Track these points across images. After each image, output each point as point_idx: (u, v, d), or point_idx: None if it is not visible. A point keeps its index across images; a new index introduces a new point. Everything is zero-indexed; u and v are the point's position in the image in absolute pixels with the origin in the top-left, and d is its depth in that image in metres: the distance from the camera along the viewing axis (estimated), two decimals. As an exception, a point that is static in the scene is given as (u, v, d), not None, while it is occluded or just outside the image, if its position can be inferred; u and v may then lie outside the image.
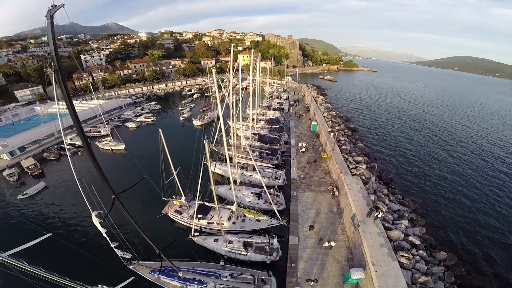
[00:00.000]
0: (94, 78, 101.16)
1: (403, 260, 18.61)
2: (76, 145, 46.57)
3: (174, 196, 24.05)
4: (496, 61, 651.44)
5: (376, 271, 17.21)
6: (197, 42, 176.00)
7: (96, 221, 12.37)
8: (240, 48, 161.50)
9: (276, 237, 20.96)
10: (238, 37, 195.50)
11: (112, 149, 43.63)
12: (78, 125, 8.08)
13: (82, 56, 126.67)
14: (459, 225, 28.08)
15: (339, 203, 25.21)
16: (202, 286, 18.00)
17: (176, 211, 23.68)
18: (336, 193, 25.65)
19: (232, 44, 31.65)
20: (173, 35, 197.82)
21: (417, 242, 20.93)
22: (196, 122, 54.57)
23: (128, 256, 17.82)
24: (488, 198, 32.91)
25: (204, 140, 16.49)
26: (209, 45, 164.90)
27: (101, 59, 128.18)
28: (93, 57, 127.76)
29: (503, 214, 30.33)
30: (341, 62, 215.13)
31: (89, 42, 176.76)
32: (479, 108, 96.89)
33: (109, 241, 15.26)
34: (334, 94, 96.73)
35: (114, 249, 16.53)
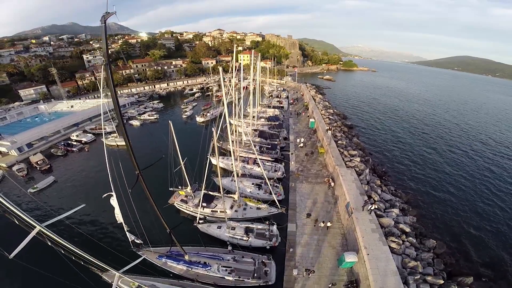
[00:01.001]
0: (98, 77, 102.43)
1: (393, 245, 20.10)
2: (83, 141, 48.23)
3: (180, 187, 25.58)
4: (496, 61, 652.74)
5: (368, 254, 18.70)
6: (197, 42, 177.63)
7: (115, 203, 13.87)
8: (240, 48, 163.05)
9: (275, 224, 22.52)
10: (238, 37, 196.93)
11: (117, 145, 45.25)
12: (119, 111, 9.49)
13: (84, 56, 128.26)
14: (450, 217, 29.51)
15: (334, 194, 26.80)
16: (207, 268, 19.51)
17: (182, 200, 25.25)
18: (332, 184, 27.23)
19: (235, 46, 32.96)
20: (174, 35, 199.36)
21: (407, 230, 22.43)
22: (199, 119, 56.47)
23: (137, 240, 19.35)
24: (477, 193, 34.40)
25: (213, 128, 17.98)
26: (210, 45, 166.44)
27: (102, 59, 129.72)
28: (95, 56, 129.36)
29: (491, 206, 31.85)
30: (341, 62, 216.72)
31: (90, 42, 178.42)
32: (473, 107, 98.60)
33: (124, 224, 16.80)
34: (333, 93, 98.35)
35: (127, 232, 18.05)
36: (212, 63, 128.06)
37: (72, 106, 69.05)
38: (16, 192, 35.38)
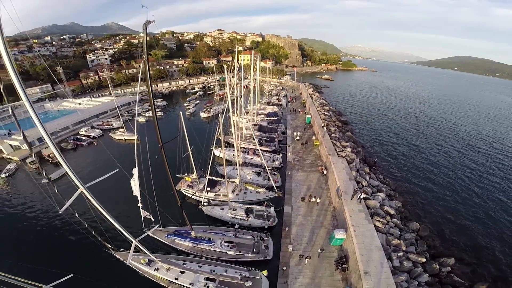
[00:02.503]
0: (102, 77, 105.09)
1: (378, 224, 22.49)
2: (91, 136, 50.77)
3: (186, 173, 28.02)
4: (496, 61, 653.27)
5: (355, 231, 21.09)
6: (198, 42, 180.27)
7: (135, 179, 16.23)
8: (240, 48, 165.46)
9: (273, 206, 24.97)
10: (238, 37, 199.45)
11: (125, 139, 47.86)
12: (153, 103, 11.82)
13: (87, 56, 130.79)
14: (435, 206, 31.25)
15: (327, 180, 29.26)
16: (211, 244, 21.94)
17: (188, 186, 27.74)
18: (325, 172, 29.71)
19: (237, 47, 35.34)
20: (175, 35, 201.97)
21: (392, 212, 24.86)
22: (203, 115, 59.97)
23: (149, 217, 21.73)
24: (463, 184, 36.64)
25: (219, 120, 20.38)
26: (211, 45, 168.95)
27: (106, 59, 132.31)
28: (98, 56, 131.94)
29: (474, 197, 34.15)
30: (340, 62, 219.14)
31: (92, 42, 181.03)
32: (466, 106, 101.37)
33: (139, 201, 19.16)
34: (331, 92, 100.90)
35: (141, 209, 20.41)
36: (213, 63, 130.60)
37: (80, 104, 71.67)
38: (31, 182, 38.01)
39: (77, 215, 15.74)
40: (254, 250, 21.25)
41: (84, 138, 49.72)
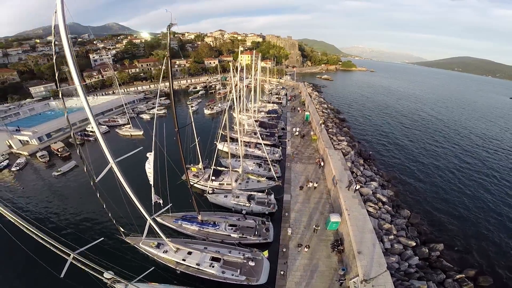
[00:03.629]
0: (106, 76, 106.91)
1: (371, 209, 24.23)
2: (99, 132, 52.68)
3: (191, 164, 29.83)
4: (496, 62, 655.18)
5: (348, 214, 22.81)
6: (199, 42, 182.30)
7: (151, 163, 17.95)
8: (241, 49, 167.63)
9: (273, 193, 26.74)
10: (239, 37, 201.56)
11: (131, 135, 49.81)
12: (172, 91, 13.57)
13: (90, 56, 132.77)
14: (427, 199, 32.85)
15: (323, 171, 31.08)
16: (216, 227, 23.68)
17: (193, 175, 29.52)
18: (322, 163, 31.54)
19: (240, 47, 37.27)
20: (176, 35, 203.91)
21: (384, 199, 26.61)
22: (207, 111, 62.51)
23: (160, 201, 23.41)
24: (454, 178, 38.28)
25: (225, 105, 22.14)
26: (212, 46, 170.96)
27: (109, 58, 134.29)
28: (101, 56, 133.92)
29: (467, 189, 35.87)
30: (340, 63, 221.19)
31: (94, 42, 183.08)
32: (462, 105, 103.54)
33: (152, 185, 20.91)
34: (330, 91, 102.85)
35: (153, 193, 22.11)
36: (214, 63, 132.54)
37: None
38: (43, 175, 39.82)
39: (98, 195, 17.38)
40: (256, 233, 22.97)
41: (91, 133, 51.58)
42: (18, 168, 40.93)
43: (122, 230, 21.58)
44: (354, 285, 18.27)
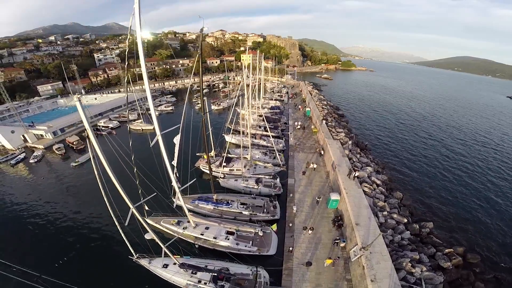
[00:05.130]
0: (111, 75, 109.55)
1: (366, 189, 27.00)
2: (109, 127, 55.56)
3: (204, 152, 32.52)
4: (497, 62, 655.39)
5: (347, 193, 25.54)
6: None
7: (177, 145, 20.51)
8: (242, 49, 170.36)
9: (278, 177, 29.50)
10: (240, 37, 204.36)
11: (142, 129, 52.71)
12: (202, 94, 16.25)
13: (95, 55, 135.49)
14: (419, 183, 35.94)
15: (323, 158, 33.91)
16: (229, 206, 26.40)
17: (206, 163, 32.16)
18: (322, 152, 34.41)
19: (244, 47, 40.13)
20: (177, 35, 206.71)
21: (378, 182, 29.37)
22: (214, 107, 65.59)
23: (178, 185, 26.10)
24: (445, 170, 41.02)
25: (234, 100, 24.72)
26: (213, 46, 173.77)
27: (113, 58, 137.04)
28: (106, 56, 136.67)
29: (457, 177, 38.73)
30: (339, 62, 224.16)
31: (97, 42, 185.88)
32: (459, 103, 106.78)
33: (175, 167, 23.50)
34: (329, 90, 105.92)
35: (172, 175, 24.69)
36: (216, 62, 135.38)
37: (96, 99, 76.51)
38: (62, 165, 42.50)
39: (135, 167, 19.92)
40: (265, 210, 25.74)
41: (103, 128, 54.31)
42: (36, 160, 43.43)
43: (147, 209, 24.29)
44: (354, 254, 20.86)
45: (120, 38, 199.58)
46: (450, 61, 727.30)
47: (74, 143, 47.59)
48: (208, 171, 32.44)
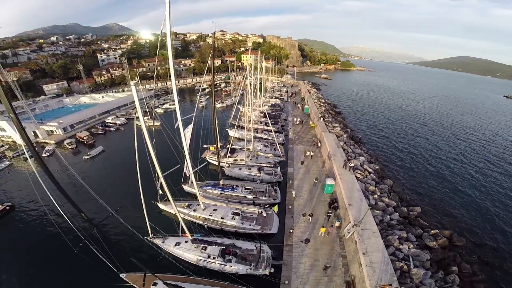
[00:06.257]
0: (120, 74, 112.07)
1: (358, 175, 29.59)
2: (117, 123, 58.19)
3: (210, 144, 35.32)
4: (496, 62, 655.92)
5: (340, 178, 28.09)
6: (202, 43, 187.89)
7: (189, 132, 23.12)
8: (243, 49, 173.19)
9: (279, 166, 32.16)
10: (240, 38, 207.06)
11: (149, 125, 55.03)
12: (213, 91, 18.84)
13: (98, 55, 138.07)
14: (410, 174, 38.26)
15: (320, 150, 36.62)
16: (234, 190, 28.99)
17: (212, 153, 35.00)
18: (319, 144, 37.16)
19: (245, 48, 43.05)
20: (177, 35, 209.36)
21: (370, 170, 31.96)
22: (218, 105, 67.62)
23: (188, 173, 28.63)
24: (436, 163, 43.21)
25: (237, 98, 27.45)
26: (215, 46, 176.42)
27: (115, 58, 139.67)
28: (109, 56, 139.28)
29: (448, 170, 41.17)
30: (339, 62, 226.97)
31: (98, 42, 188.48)
32: (454, 101, 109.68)
33: (186, 154, 25.98)
34: (328, 89, 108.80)
35: (186, 163, 27.05)
36: (217, 62, 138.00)
37: (103, 97, 79.20)
38: (75, 159, 45.03)
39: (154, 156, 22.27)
40: (267, 194, 28.34)
41: (111, 124, 56.99)
42: (48, 154, 45.78)
43: (161, 192, 26.66)
44: (347, 231, 23.36)
45: (121, 38, 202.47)
46: (450, 61, 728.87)
47: (85, 138, 50.15)
48: (213, 162, 35.41)
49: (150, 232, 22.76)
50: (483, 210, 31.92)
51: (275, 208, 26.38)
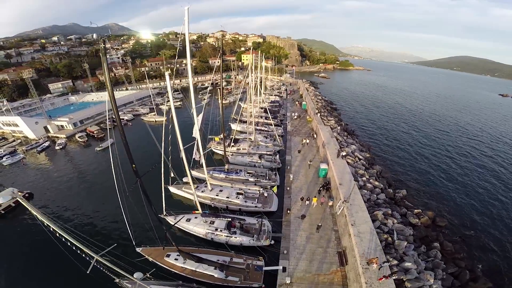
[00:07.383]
0: (119, 74, 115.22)
1: (349, 160, 32.81)
2: (125, 119, 61.33)
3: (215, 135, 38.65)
4: (496, 61, 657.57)
5: (333, 163, 31.27)
6: (202, 43, 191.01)
7: (198, 123, 26.32)
8: (242, 49, 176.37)
9: (278, 154, 35.37)
10: (240, 38, 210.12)
11: (155, 121, 58.54)
12: (222, 87, 21.95)
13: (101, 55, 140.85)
14: (399, 164, 41.03)
15: (316, 141, 39.85)
16: (238, 174, 32.14)
17: (217, 143, 38.25)
18: (315, 136, 40.46)
19: (245, 47, 46.19)
20: (177, 36, 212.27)
21: (360, 157, 35.16)
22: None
23: (197, 158, 31.67)
24: (426, 155, 46.05)
25: (238, 96, 30.58)
26: (215, 46, 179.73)
27: (118, 58, 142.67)
28: (112, 55, 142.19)
29: (436, 159, 44.55)
30: (337, 62, 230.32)
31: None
32: (450, 100, 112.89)
33: (196, 142, 29.18)
34: (326, 88, 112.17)
35: (196, 151, 30.18)
36: (218, 62, 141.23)
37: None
38: (88, 151, 48.12)
39: (161, 145, 25.54)
40: (267, 178, 31.53)
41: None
42: (60, 147, 48.98)
43: (173, 175, 29.57)
44: (338, 208, 26.45)
45: (122, 38, 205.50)
46: (449, 60, 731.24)
47: (95, 132, 53.30)
48: (218, 151, 38.64)
49: (164, 210, 25.70)
50: (464, 196, 34.76)
51: (275, 189, 29.55)
